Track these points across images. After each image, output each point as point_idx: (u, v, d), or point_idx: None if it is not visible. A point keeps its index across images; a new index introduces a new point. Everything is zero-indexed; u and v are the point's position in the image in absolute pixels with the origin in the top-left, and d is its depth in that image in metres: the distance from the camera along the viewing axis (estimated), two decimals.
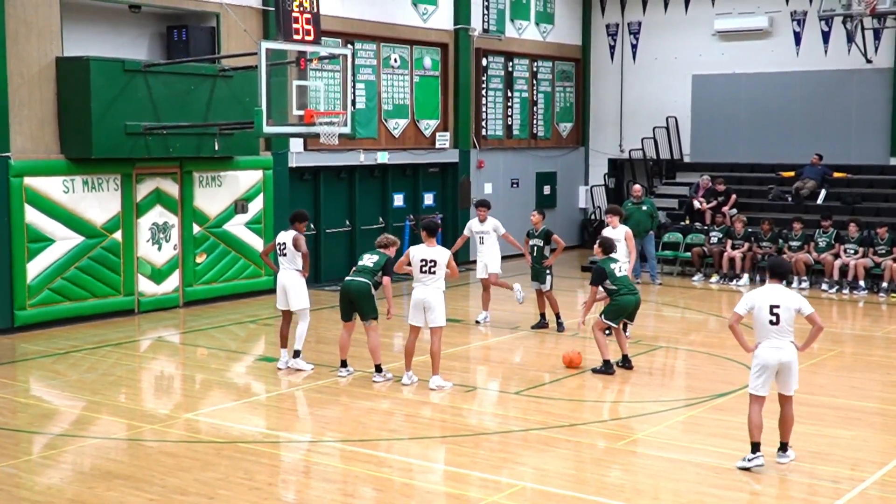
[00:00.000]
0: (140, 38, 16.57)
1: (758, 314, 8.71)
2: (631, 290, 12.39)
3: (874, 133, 22.32)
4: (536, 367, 12.83)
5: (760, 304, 8.69)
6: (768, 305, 8.66)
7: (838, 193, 21.36)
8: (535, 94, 24.46)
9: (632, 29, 25.15)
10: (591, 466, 9.09)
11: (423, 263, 11.43)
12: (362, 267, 11.95)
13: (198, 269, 16.83)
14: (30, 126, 14.73)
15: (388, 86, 20.58)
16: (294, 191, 18.62)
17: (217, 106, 16.15)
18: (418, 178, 21.51)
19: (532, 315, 15.73)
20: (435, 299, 11.44)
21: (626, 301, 12.31)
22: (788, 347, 8.71)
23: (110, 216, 15.55)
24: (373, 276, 11.85)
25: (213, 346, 14.21)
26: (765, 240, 19.69)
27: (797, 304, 8.72)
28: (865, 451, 9.44)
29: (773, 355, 8.68)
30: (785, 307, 8.64)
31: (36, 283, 14.71)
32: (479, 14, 22.31)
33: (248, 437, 9.86)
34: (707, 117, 24.18)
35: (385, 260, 11.91)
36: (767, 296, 8.72)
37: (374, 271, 11.85)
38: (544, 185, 24.69)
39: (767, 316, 8.66)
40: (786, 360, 8.69)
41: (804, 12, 22.84)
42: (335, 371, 12.27)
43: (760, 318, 8.70)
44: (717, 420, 10.37)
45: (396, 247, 12.27)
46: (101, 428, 10.17)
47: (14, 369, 12.77)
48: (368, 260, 12.00)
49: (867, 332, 15.64)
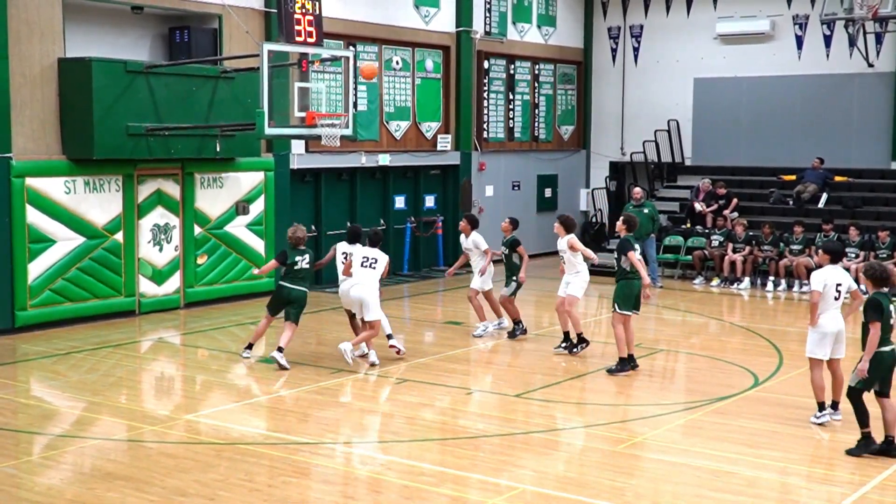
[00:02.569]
0: (142, 40, 16.58)
1: (827, 291, 9.96)
2: (638, 275, 12.50)
3: (875, 137, 22.32)
4: (537, 370, 12.82)
5: (830, 282, 9.99)
6: (835, 284, 10.00)
7: (839, 197, 21.36)
8: (537, 97, 24.47)
9: (633, 32, 25.16)
10: (591, 469, 9.08)
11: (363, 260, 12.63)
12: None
13: (199, 271, 16.84)
14: (31, 127, 14.74)
15: (390, 88, 20.60)
16: (295, 192, 18.63)
17: (219, 107, 16.16)
18: (419, 180, 21.52)
19: (529, 319, 15.74)
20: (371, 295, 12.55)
21: (637, 286, 12.44)
22: (841, 318, 10.09)
23: (111, 217, 15.56)
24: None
25: (214, 347, 14.21)
26: (766, 243, 19.69)
27: (850, 283, 10.18)
28: (866, 455, 9.42)
29: (834, 325, 10.02)
30: (845, 285, 10.08)
31: (37, 284, 14.72)
32: (480, 16, 22.32)
33: (249, 438, 9.86)
34: (708, 121, 24.18)
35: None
36: (834, 275, 10.06)
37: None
38: (545, 188, 24.69)
39: (833, 293, 9.98)
40: (842, 328, 10.09)
41: (806, 16, 22.85)
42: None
43: (828, 294, 9.97)
44: (718, 423, 10.37)
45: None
46: (101, 429, 10.17)
47: (15, 370, 12.77)
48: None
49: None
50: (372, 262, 12.61)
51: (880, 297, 9.23)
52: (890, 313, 9.20)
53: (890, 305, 9.23)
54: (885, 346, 9.23)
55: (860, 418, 9.33)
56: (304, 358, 13.28)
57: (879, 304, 9.14)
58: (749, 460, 9.21)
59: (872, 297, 9.28)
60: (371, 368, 12.47)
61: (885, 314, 9.14)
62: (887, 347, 9.24)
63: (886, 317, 9.17)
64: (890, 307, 9.21)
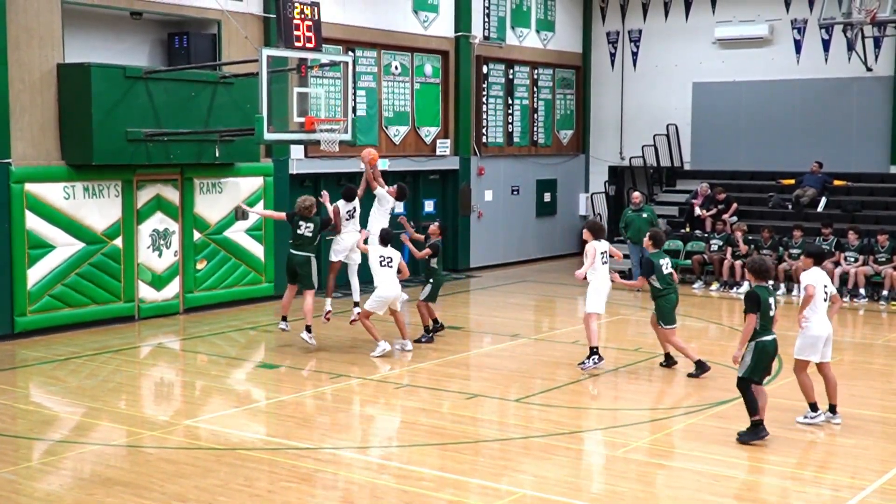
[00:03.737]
0: (141, 45, 16.60)
1: (816, 293, 10.02)
2: (673, 287, 12.60)
3: (874, 141, 22.34)
4: (536, 375, 12.82)
5: (818, 284, 10.07)
6: (822, 286, 10.10)
7: (838, 201, 21.37)
8: (536, 102, 24.48)
9: (632, 36, 25.18)
10: (590, 474, 9.08)
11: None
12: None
13: (198, 276, 16.84)
14: (31, 132, 14.75)
15: (389, 93, 20.61)
16: (294, 197, 18.55)
17: (218, 113, 16.17)
18: (419, 185, 21.53)
19: (528, 323, 15.73)
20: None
21: (675, 299, 12.56)
22: (828, 321, 10.15)
23: (111, 222, 15.56)
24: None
25: (214, 352, 14.20)
26: (765, 247, 19.69)
27: (831, 286, 10.25)
28: (865, 460, 9.44)
29: (824, 329, 10.09)
30: (829, 287, 10.17)
31: (36, 290, 14.72)
32: (479, 21, 22.33)
33: (248, 443, 9.86)
34: (707, 125, 24.19)
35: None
36: (820, 277, 10.17)
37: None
38: (545, 193, 24.70)
39: (822, 294, 10.06)
40: (830, 332, 10.18)
41: (804, 20, 22.87)
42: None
43: (817, 296, 10.02)
44: (717, 428, 10.37)
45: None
46: (100, 434, 10.17)
47: (14, 375, 12.77)
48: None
49: (867, 341, 15.62)
50: (388, 261, 13.41)
51: (759, 291, 9.64)
52: (769, 305, 9.61)
53: (770, 298, 9.66)
54: (768, 336, 9.66)
55: (749, 407, 9.69)
56: (302, 363, 13.29)
57: (757, 297, 9.58)
58: (749, 465, 9.22)
59: (752, 290, 9.66)
60: (392, 356, 13.28)
61: (763, 306, 9.54)
62: (769, 337, 9.66)
63: (765, 309, 9.55)
64: (770, 300, 9.64)
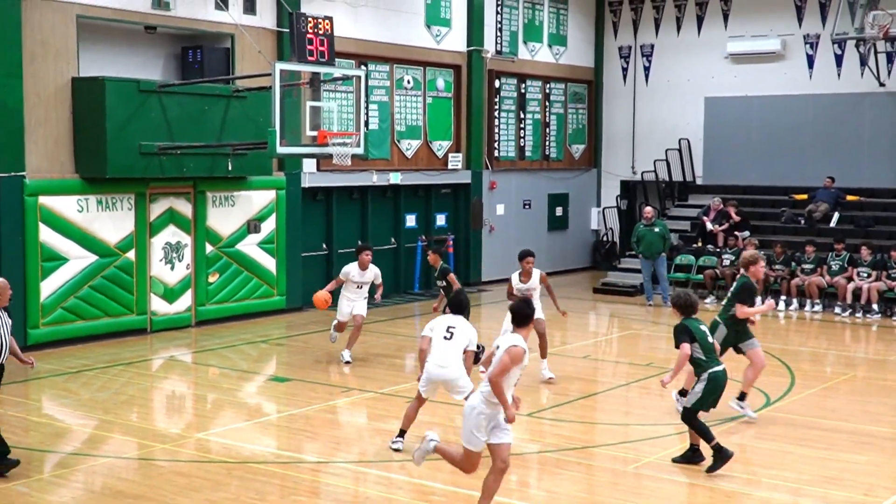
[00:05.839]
0: (155, 59, 16.68)
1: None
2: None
3: (887, 156, 22.27)
4: (548, 389, 12.79)
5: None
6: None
7: (851, 216, 21.30)
8: (548, 116, 24.50)
9: (644, 51, 25.19)
10: (602, 489, 9.05)
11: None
12: None
13: (210, 289, 16.87)
14: (45, 145, 14.83)
15: (401, 107, 20.66)
16: (307, 211, 18.68)
17: (231, 126, 16.23)
18: (431, 198, 21.55)
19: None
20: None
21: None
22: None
23: (124, 235, 15.62)
24: None
25: (225, 365, 14.22)
26: (777, 262, 19.64)
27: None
28: (878, 477, 9.38)
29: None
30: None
31: (49, 302, 14.77)
32: (492, 36, 22.39)
33: (259, 457, 9.86)
34: (720, 140, 24.16)
35: None
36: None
37: None
38: (556, 207, 24.70)
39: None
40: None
41: (817, 35, 22.85)
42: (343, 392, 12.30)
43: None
44: (730, 444, 10.28)
45: None
46: (112, 447, 10.19)
47: (26, 388, 12.80)
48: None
49: (880, 357, 15.55)
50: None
51: (687, 323, 9.41)
52: (705, 334, 9.41)
53: (701, 326, 9.44)
54: (718, 367, 9.41)
55: (703, 435, 9.34)
56: (314, 377, 13.29)
57: (685, 327, 9.37)
58: (762, 481, 9.18)
59: (679, 324, 9.44)
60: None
61: (697, 335, 9.32)
62: (719, 367, 9.42)
63: (702, 338, 9.34)
64: (701, 328, 9.42)
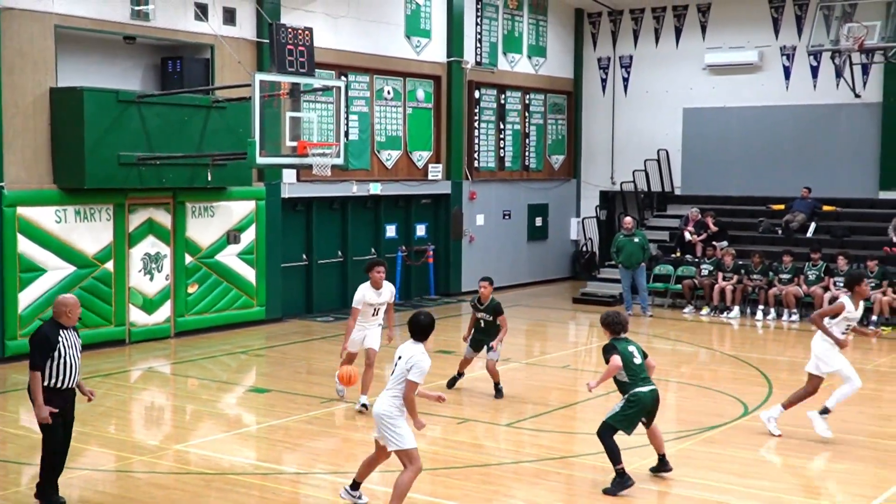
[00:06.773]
0: (134, 69, 16.65)
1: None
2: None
3: (863, 167, 22.46)
4: (527, 399, 12.82)
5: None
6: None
7: (828, 227, 21.47)
8: (528, 127, 24.59)
9: (623, 62, 25.34)
10: (582, 499, 9.07)
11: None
12: None
13: (189, 300, 16.82)
14: (23, 156, 14.77)
15: (381, 117, 20.69)
16: (287, 222, 18.66)
17: (210, 137, 16.21)
18: (411, 209, 21.58)
19: (520, 347, 15.68)
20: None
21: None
22: None
23: (102, 246, 15.56)
24: None
25: (204, 376, 14.18)
26: (755, 272, 19.77)
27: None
28: (856, 485, 9.45)
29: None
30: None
31: (27, 313, 14.68)
32: (471, 47, 22.47)
33: (239, 468, 9.84)
34: (698, 150, 24.31)
35: None
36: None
37: None
38: (536, 217, 24.77)
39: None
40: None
41: (793, 47, 23.05)
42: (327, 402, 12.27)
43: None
44: (708, 453, 10.38)
45: None
46: (89, 459, 10.13)
47: (4, 399, 12.72)
48: None
49: (857, 365, 15.55)
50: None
51: (615, 343, 9.36)
52: (631, 355, 9.31)
53: (629, 347, 9.36)
54: (644, 387, 9.31)
55: (611, 456, 9.20)
56: (293, 387, 13.27)
57: (613, 346, 9.32)
58: (740, 490, 9.23)
59: (607, 344, 9.42)
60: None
61: (624, 359, 9.23)
62: (645, 388, 9.32)
63: (627, 358, 9.26)
64: (629, 348, 9.34)
